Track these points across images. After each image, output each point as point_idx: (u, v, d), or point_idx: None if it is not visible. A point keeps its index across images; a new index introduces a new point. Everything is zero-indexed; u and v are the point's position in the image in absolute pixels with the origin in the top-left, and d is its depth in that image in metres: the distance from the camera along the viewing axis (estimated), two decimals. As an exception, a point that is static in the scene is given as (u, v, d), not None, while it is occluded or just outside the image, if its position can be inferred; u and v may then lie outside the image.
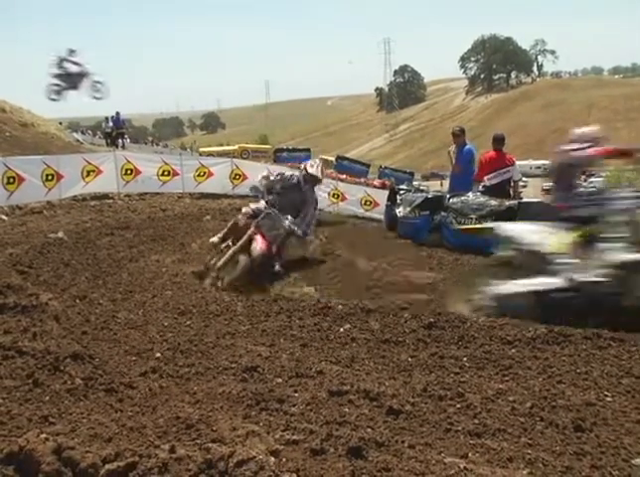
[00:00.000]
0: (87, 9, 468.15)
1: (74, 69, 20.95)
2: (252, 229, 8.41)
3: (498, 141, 11.11)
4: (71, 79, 21.11)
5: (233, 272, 7.97)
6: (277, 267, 8.49)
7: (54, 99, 21.60)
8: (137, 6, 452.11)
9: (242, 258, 8.08)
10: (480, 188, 10.61)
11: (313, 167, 9.33)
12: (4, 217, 11.61)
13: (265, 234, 8.44)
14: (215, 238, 9.08)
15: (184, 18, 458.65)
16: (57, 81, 21.31)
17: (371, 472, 3.03)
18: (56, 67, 21.15)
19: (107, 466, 2.72)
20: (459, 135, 11.90)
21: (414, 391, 4.30)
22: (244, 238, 8.34)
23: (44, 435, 3.05)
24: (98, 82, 19.69)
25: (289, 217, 8.76)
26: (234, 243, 8.46)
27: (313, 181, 9.32)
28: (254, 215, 8.74)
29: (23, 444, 2.93)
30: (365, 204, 18.00)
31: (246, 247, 8.23)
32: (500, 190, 10.43)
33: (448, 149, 12.40)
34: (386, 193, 15.18)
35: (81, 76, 21.02)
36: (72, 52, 21.21)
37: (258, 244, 8.23)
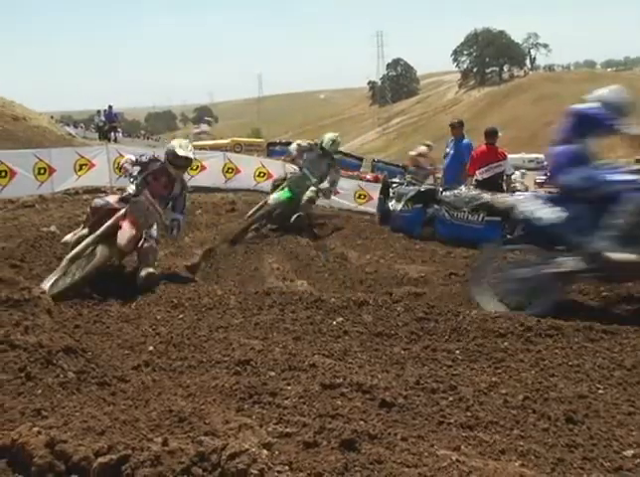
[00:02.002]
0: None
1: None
2: (120, 214, 7.12)
3: (490, 135, 11.12)
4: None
5: (86, 267, 6.77)
6: (143, 273, 7.09)
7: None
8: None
9: (101, 249, 6.88)
10: (473, 182, 10.63)
11: (182, 148, 7.84)
12: (-4, 211, 11.58)
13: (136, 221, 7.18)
14: (68, 237, 7.81)
15: (173, 11, 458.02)
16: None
17: (363, 465, 3.04)
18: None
19: (100, 459, 2.71)
20: (457, 128, 11.91)
21: (407, 383, 4.32)
22: (107, 224, 7.04)
23: (36, 429, 3.03)
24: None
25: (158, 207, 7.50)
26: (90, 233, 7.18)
27: (185, 164, 8.09)
28: (123, 199, 7.52)
29: (15, 437, 2.92)
30: (359, 197, 17.99)
31: (109, 236, 6.99)
32: (492, 184, 10.45)
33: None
34: (379, 186, 15.18)
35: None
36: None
37: (127, 231, 7.00)
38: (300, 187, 11.00)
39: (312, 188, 11.08)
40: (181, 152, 7.75)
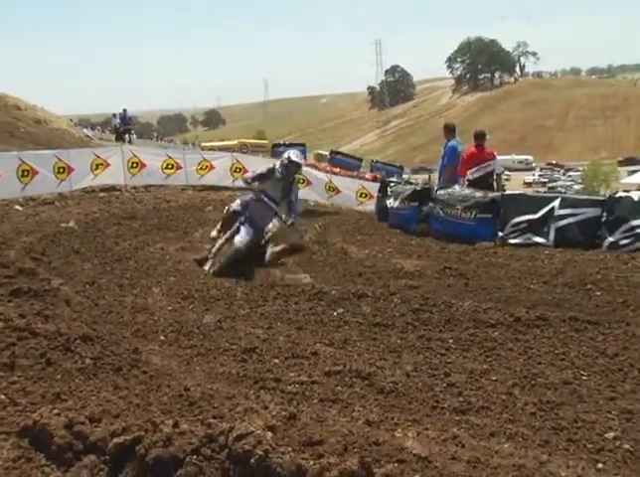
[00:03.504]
0: (91, 7, 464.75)
1: None
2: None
3: (479, 137, 11.08)
4: None
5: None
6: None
7: None
8: (139, 7, 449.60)
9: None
10: (465, 181, 10.60)
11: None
12: (19, 207, 11.57)
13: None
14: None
15: (184, 18, 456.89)
16: None
17: (362, 446, 3.04)
18: None
19: (115, 440, 2.72)
20: (450, 131, 11.86)
21: (403, 371, 4.32)
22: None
23: (56, 411, 3.05)
24: None
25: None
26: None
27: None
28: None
29: (37, 419, 2.94)
30: (360, 196, 17.94)
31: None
32: (483, 183, 10.42)
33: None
34: (377, 185, 15.14)
35: None
36: None
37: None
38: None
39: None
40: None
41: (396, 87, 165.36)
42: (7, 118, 24.08)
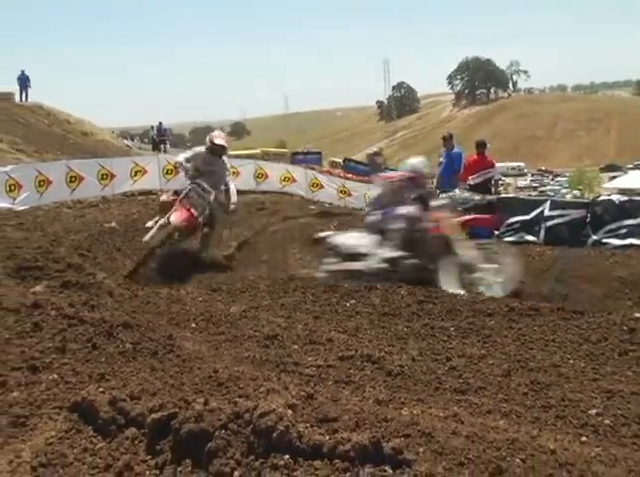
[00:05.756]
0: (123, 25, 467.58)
1: None
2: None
3: (480, 146, 11.01)
4: None
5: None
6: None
7: None
8: (169, 29, 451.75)
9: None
10: (466, 186, 10.52)
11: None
12: (67, 210, 11.67)
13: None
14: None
15: (211, 40, 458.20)
16: None
17: (372, 423, 3.04)
18: None
19: (153, 415, 2.74)
20: (448, 140, 11.79)
21: (409, 355, 4.31)
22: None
23: (101, 389, 3.08)
24: None
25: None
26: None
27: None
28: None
29: (85, 396, 2.97)
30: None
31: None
32: (483, 187, 10.35)
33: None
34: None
35: None
36: None
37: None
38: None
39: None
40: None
41: (402, 102, 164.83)
42: (59, 131, 24.29)
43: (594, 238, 8.30)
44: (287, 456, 2.37)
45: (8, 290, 5.36)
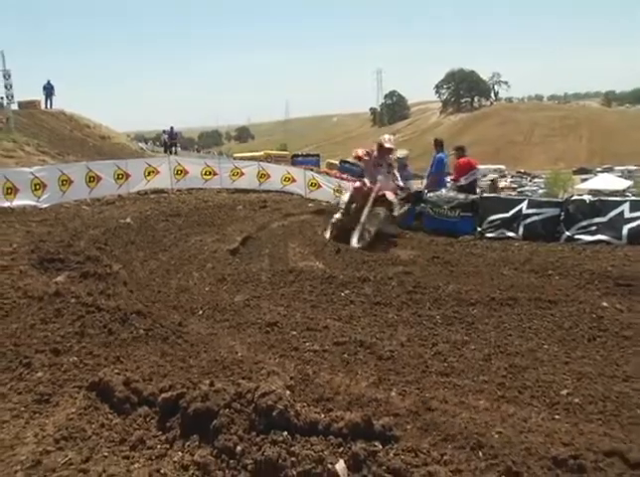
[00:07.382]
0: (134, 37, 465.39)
1: None
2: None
3: (463, 149, 11.01)
4: None
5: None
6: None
7: None
8: (179, 40, 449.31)
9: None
10: (456, 186, 10.46)
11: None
12: (86, 207, 11.63)
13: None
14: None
15: (217, 50, 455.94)
16: None
17: (364, 402, 3.06)
18: None
19: (163, 395, 2.75)
20: (438, 144, 11.74)
21: (399, 341, 4.32)
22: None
23: (116, 371, 3.10)
24: None
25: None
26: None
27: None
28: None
29: (102, 377, 2.98)
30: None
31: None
32: (471, 187, 10.34)
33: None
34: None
35: None
36: None
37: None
38: None
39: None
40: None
41: (393, 109, 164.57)
42: (79, 135, 24.24)
43: (567, 234, 8.31)
44: (286, 433, 2.38)
45: (33, 280, 5.37)
